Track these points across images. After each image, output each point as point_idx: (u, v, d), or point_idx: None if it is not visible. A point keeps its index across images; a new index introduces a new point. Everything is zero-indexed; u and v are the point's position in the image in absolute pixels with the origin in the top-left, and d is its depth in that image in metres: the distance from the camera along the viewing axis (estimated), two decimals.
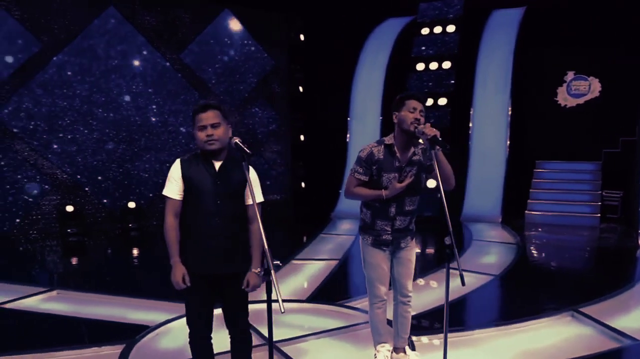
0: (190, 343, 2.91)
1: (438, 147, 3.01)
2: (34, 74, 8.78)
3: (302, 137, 10.98)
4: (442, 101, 10.72)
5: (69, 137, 9.11)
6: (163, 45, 9.88)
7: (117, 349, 3.85)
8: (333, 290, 5.57)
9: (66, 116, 9.08)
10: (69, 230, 8.62)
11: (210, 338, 2.96)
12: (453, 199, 9.90)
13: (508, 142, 10.08)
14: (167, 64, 9.94)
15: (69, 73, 9.06)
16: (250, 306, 2.92)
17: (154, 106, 9.90)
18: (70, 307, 4.95)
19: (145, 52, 9.73)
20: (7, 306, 4.92)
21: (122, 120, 9.57)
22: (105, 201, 9.47)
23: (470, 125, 10.33)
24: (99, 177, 9.38)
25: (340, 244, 7.85)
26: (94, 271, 6.94)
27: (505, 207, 9.70)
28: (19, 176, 8.69)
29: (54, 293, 5.36)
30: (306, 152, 10.96)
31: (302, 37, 10.95)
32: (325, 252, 7.29)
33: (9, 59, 8.58)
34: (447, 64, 10.94)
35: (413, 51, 11.25)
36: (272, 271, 2.33)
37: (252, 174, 2.81)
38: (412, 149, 3.26)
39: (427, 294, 5.30)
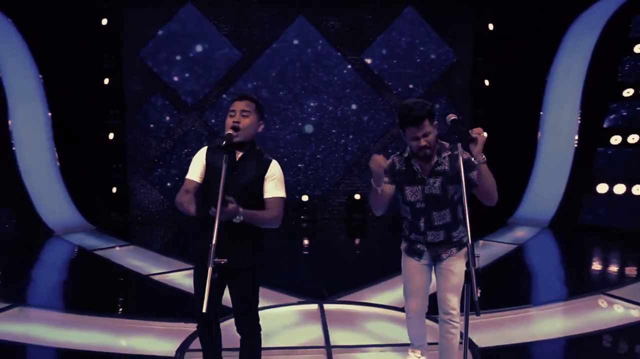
0: (197, 330, 3.08)
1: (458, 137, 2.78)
2: (234, 81, 10.16)
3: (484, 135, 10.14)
4: None
5: (258, 135, 10.25)
6: (345, 47, 10.31)
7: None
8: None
9: None
10: None
11: (218, 331, 3.03)
12: None
13: None
14: (349, 65, 10.34)
15: (261, 79, 10.19)
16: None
17: (339, 106, 10.41)
18: None
19: (328, 55, 10.29)
20: (155, 277, 5.90)
21: (305, 119, 10.35)
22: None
23: None
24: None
25: (492, 253, 7.11)
26: None
27: None
28: None
29: None
30: (489, 150, 10.06)
31: (490, 26, 10.09)
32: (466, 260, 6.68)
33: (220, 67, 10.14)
34: None
35: (631, 31, 9.36)
36: (210, 269, 2.32)
37: (274, 170, 2.83)
38: (435, 159, 2.98)
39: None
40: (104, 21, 9.72)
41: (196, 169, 2.82)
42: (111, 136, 9.81)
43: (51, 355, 3.94)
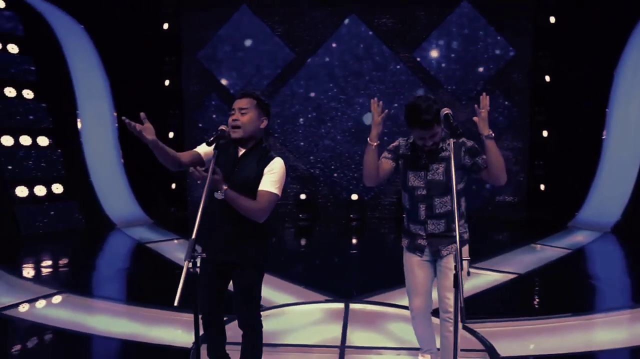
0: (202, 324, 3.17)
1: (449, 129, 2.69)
2: (287, 81, 10.34)
3: (544, 133, 9.67)
4: None
5: (309, 134, 10.39)
6: (398, 45, 10.20)
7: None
8: (474, 307, 4.97)
9: (310, 115, 10.38)
10: (300, 215, 9.91)
11: (219, 324, 3.05)
12: None
13: None
14: (401, 62, 10.22)
15: (313, 78, 10.30)
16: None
17: (391, 104, 10.31)
18: None
19: (380, 53, 10.22)
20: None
21: (357, 117, 10.35)
22: (334, 192, 10.45)
23: None
24: (334, 174, 10.41)
25: (543, 257, 6.78)
26: (292, 253, 7.82)
27: None
28: None
29: None
30: (548, 150, 9.62)
31: (552, 19, 9.58)
32: (512, 264, 6.42)
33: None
34: None
35: None
36: (186, 263, 2.31)
37: (275, 165, 2.79)
38: (440, 145, 2.99)
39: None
40: (165, 25, 10.21)
41: (204, 148, 2.83)
42: (171, 134, 10.30)
43: (75, 340, 4.20)
